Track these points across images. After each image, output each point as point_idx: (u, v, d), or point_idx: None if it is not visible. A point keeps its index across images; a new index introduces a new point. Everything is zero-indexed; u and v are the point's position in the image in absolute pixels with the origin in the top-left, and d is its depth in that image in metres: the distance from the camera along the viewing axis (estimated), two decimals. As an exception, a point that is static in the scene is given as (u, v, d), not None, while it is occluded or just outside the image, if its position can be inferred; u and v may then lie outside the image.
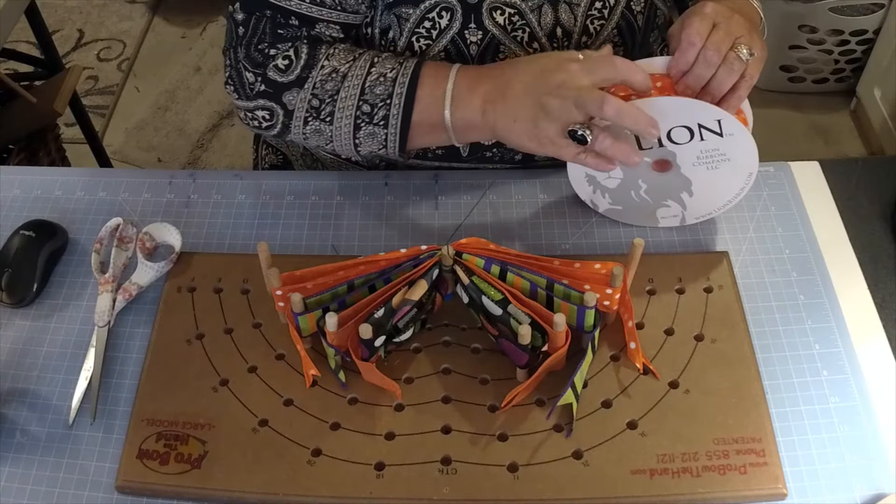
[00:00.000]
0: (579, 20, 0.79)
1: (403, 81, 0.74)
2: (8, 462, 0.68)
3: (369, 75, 0.75)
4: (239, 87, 0.78)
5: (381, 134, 0.75)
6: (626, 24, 0.82)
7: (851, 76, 2.06)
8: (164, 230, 0.81)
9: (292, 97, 0.76)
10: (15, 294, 0.77)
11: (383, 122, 0.75)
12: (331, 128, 0.76)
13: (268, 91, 0.76)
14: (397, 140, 0.75)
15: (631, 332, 0.71)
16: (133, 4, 2.52)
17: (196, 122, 2.17)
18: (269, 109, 0.77)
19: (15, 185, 0.88)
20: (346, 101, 0.75)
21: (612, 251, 0.80)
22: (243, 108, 0.79)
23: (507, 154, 0.86)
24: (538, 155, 0.72)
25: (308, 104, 0.76)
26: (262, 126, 0.79)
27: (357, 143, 0.77)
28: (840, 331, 0.73)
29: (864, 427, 0.68)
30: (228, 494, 0.65)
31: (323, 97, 0.75)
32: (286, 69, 0.76)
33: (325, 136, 0.77)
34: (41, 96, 1.48)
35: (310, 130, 0.77)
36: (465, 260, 0.70)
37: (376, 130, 0.75)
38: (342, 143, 0.77)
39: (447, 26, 0.77)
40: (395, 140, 0.75)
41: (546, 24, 0.79)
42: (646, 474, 0.64)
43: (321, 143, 0.78)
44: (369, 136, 0.76)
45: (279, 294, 0.70)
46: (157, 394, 0.70)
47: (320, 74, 0.75)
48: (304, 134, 0.78)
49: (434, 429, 0.67)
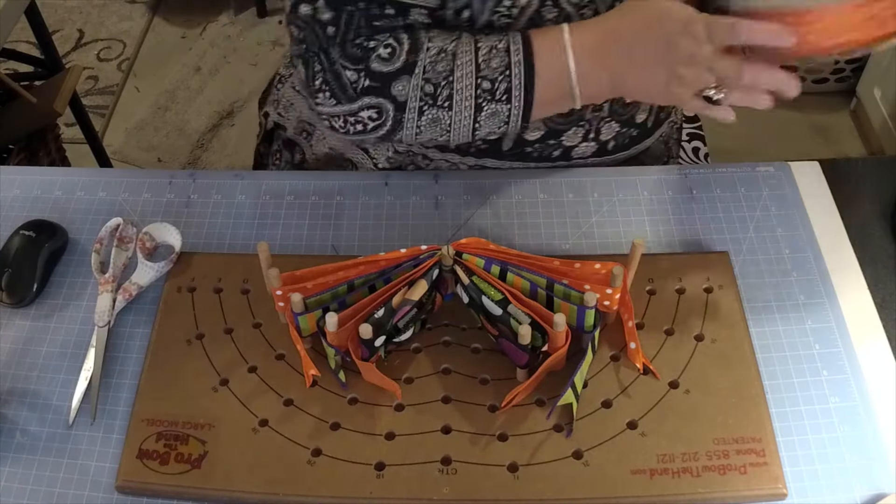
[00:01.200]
0: None
1: (517, 49, 0.71)
2: (8, 462, 0.68)
3: (479, 49, 0.71)
4: (338, 89, 0.73)
5: (503, 111, 0.72)
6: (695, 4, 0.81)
7: (851, 76, 2.06)
8: (164, 230, 0.81)
9: (402, 87, 0.72)
10: (15, 294, 0.77)
11: (506, 97, 0.72)
12: (450, 114, 0.72)
13: (373, 86, 0.72)
14: (520, 114, 0.73)
15: (631, 332, 0.71)
16: (133, 4, 2.52)
17: (196, 122, 2.17)
18: (376, 108, 0.73)
19: (15, 185, 0.88)
20: (462, 80, 0.71)
21: (612, 251, 0.80)
22: (344, 114, 0.74)
23: (546, 150, 0.86)
24: None
25: (421, 91, 0.72)
26: (368, 128, 0.75)
27: (477, 126, 0.74)
28: (840, 331, 0.73)
29: (864, 427, 0.68)
30: (228, 494, 0.65)
31: (437, 80, 0.71)
32: (391, 57, 0.72)
33: (442, 124, 0.74)
34: (41, 96, 1.48)
35: (426, 122, 0.73)
36: (465, 260, 0.70)
37: (499, 108, 0.72)
38: (460, 130, 0.74)
39: (528, 3, 0.73)
40: (518, 114, 0.73)
41: (605, 3, 0.76)
42: (646, 474, 0.64)
43: (436, 134, 0.75)
44: (491, 115, 0.73)
45: (279, 294, 0.70)
46: (157, 394, 0.70)
47: (428, 56, 0.71)
48: (418, 128, 0.74)
49: (434, 429, 0.67)
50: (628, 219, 0.83)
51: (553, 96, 0.73)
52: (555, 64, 0.71)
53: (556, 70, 0.71)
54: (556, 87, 0.72)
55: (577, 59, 0.71)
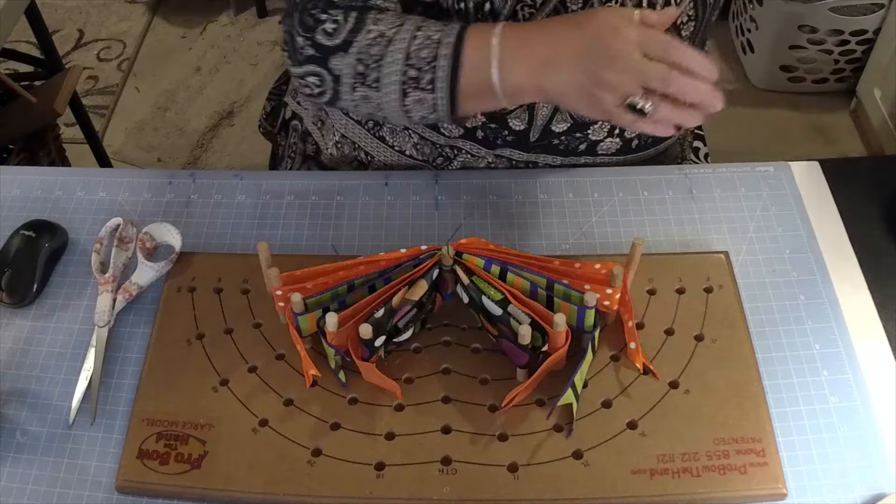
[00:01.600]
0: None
1: (448, 42, 0.71)
2: (8, 462, 0.68)
3: (415, 39, 0.72)
4: (291, 51, 0.77)
5: (428, 99, 0.73)
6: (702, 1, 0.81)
7: (851, 76, 2.06)
8: (164, 230, 0.81)
9: (338, 62, 0.74)
10: (15, 294, 0.77)
11: (430, 87, 0.72)
12: (378, 94, 0.74)
13: (316, 56, 0.75)
14: (447, 104, 0.73)
15: (631, 332, 0.71)
16: (133, 4, 2.52)
17: (196, 122, 2.17)
18: (318, 75, 0.76)
19: (15, 185, 0.88)
20: (391, 66, 0.73)
21: (612, 251, 0.80)
22: (296, 76, 0.78)
23: (573, 143, 0.86)
24: None
25: (354, 70, 0.74)
26: (315, 93, 0.78)
27: (406, 108, 0.75)
28: (840, 331, 0.73)
29: (864, 427, 0.68)
30: (228, 494, 0.65)
31: (368, 62, 0.73)
32: (333, 33, 0.74)
33: (373, 103, 0.75)
34: (41, 96, 1.48)
35: (358, 97, 0.75)
36: (465, 260, 0.70)
37: (424, 96, 0.73)
38: (391, 111, 0.75)
39: None
40: (444, 104, 0.73)
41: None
42: (646, 474, 0.64)
43: (371, 110, 0.77)
44: (417, 102, 0.74)
45: (279, 294, 0.70)
46: (157, 394, 0.70)
47: (366, 39, 0.73)
48: (353, 101, 0.76)
49: (434, 429, 0.67)
50: (628, 219, 0.83)
51: (477, 87, 0.72)
52: (480, 54, 0.71)
53: (481, 60, 0.71)
54: (478, 76, 0.71)
55: (503, 45, 0.70)
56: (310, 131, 0.98)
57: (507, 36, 0.71)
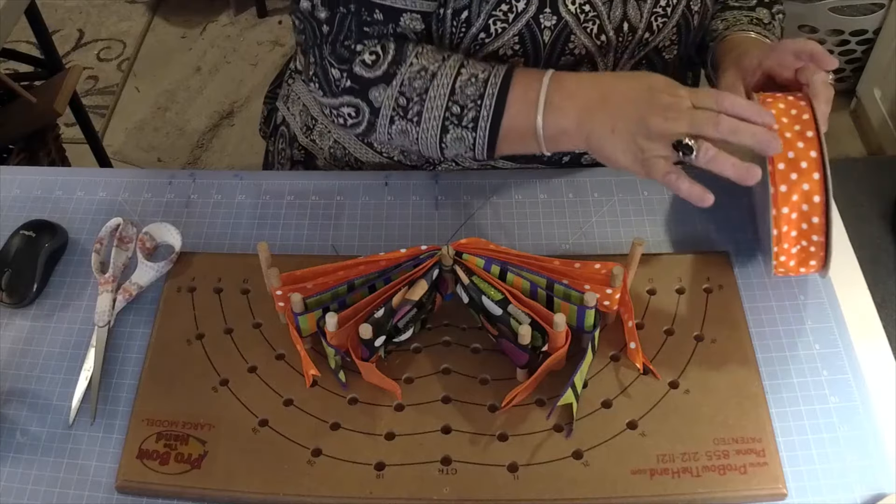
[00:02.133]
0: (645, 17, 0.79)
1: (496, 83, 0.72)
2: (8, 462, 0.68)
3: (459, 75, 0.73)
4: (324, 83, 0.77)
5: (469, 138, 0.73)
6: (684, 23, 0.82)
7: (851, 76, 2.06)
8: (164, 230, 0.81)
9: (378, 94, 0.74)
10: (15, 294, 0.77)
11: (472, 125, 0.73)
12: (417, 129, 0.74)
13: (353, 87, 0.75)
14: (485, 144, 0.73)
15: (631, 332, 0.71)
16: (133, 4, 2.52)
17: (196, 122, 2.17)
18: (354, 106, 0.76)
19: (15, 185, 0.88)
20: (434, 100, 0.73)
21: (612, 251, 0.80)
22: (328, 105, 0.78)
23: (556, 154, 0.86)
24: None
25: (395, 102, 0.74)
26: (348, 124, 0.78)
27: (443, 146, 0.75)
28: (840, 331, 0.73)
29: (864, 427, 0.68)
30: (228, 494, 0.65)
31: (411, 95, 0.74)
32: (373, 64, 0.74)
33: (410, 137, 0.75)
34: (41, 96, 1.48)
35: (395, 130, 0.76)
36: (465, 260, 0.70)
37: (464, 134, 0.73)
38: (428, 145, 0.76)
39: (524, 10, 0.75)
40: (483, 144, 0.73)
41: (615, 17, 0.78)
42: (646, 474, 0.64)
43: (406, 143, 0.77)
44: (457, 139, 0.74)
45: (279, 294, 0.70)
46: (157, 394, 0.70)
47: (409, 72, 0.74)
48: (389, 134, 0.76)
49: (434, 429, 0.67)
50: (628, 219, 0.83)
51: (518, 130, 0.72)
52: (529, 95, 0.71)
53: (527, 103, 0.71)
54: (522, 119, 0.72)
55: (550, 91, 0.71)
56: (297, 137, 0.99)
57: (557, 81, 0.71)
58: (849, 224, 0.81)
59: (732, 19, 0.86)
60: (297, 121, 0.98)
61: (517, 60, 0.79)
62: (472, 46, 0.78)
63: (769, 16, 0.87)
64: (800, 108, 0.69)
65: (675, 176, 0.66)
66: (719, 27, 0.87)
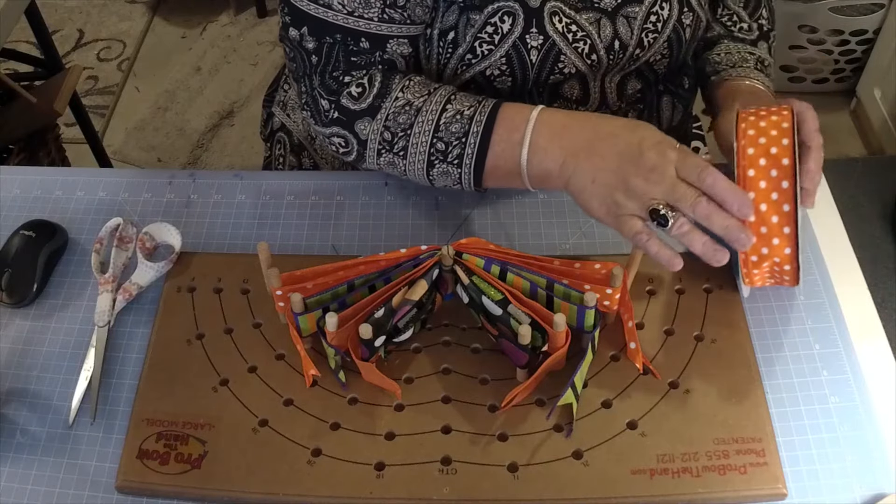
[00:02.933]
0: (635, 33, 0.80)
1: (480, 120, 0.71)
2: (8, 462, 0.68)
3: (445, 112, 0.73)
4: (315, 113, 0.77)
5: (454, 173, 0.74)
6: (675, 37, 0.82)
7: (851, 76, 2.06)
8: (164, 230, 0.81)
9: (364, 126, 0.75)
10: (15, 294, 0.77)
11: (457, 162, 0.73)
12: (404, 162, 0.75)
13: (341, 119, 0.76)
14: (471, 180, 0.73)
15: (631, 332, 0.71)
16: (133, 4, 2.52)
17: (196, 122, 2.17)
18: (343, 137, 0.76)
19: (15, 185, 0.88)
20: (419, 136, 0.73)
21: (612, 251, 0.80)
22: (320, 134, 0.79)
23: None
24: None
25: (380, 136, 0.74)
26: (339, 152, 0.78)
27: (431, 178, 0.75)
28: (840, 331, 0.73)
29: (864, 427, 0.68)
30: (228, 494, 0.65)
31: (395, 130, 0.74)
32: (359, 97, 0.74)
33: (398, 168, 0.76)
34: (41, 96, 1.48)
35: (383, 162, 0.76)
36: (465, 260, 0.70)
37: (450, 169, 0.73)
38: (416, 177, 0.76)
39: (509, 31, 0.76)
40: (469, 180, 0.74)
41: (605, 36, 0.79)
42: (646, 474, 0.64)
43: (396, 173, 0.77)
44: (443, 174, 0.74)
45: (279, 294, 0.70)
46: (157, 394, 0.70)
47: (393, 106, 0.74)
48: (377, 164, 0.77)
49: (434, 429, 0.67)
50: (628, 219, 0.82)
51: (504, 168, 0.72)
52: (514, 136, 0.71)
53: (511, 143, 0.71)
54: (506, 158, 0.71)
55: (535, 132, 0.70)
56: (304, 146, 0.99)
57: (543, 121, 0.70)
58: (849, 224, 0.81)
59: (737, 56, 0.86)
60: (300, 128, 0.98)
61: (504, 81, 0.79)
62: (458, 67, 0.79)
63: (767, 51, 0.87)
64: (781, 117, 0.69)
65: (645, 237, 0.66)
66: (722, 60, 0.86)
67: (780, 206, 0.67)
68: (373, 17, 0.74)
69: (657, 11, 0.80)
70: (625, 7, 0.79)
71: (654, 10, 0.79)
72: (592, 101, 0.84)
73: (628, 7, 0.79)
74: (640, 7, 0.79)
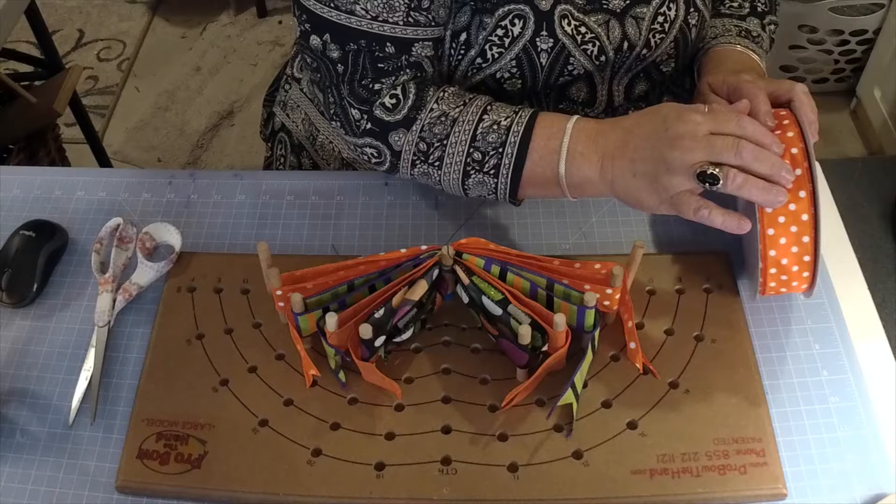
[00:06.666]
0: (643, 34, 0.80)
1: (518, 130, 0.71)
2: (8, 462, 0.68)
3: (481, 122, 0.72)
4: (346, 123, 0.76)
5: (490, 183, 0.73)
6: (682, 37, 0.82)
7: (851, 76, 2.06)
8: (164, 230, 0.81)
9: (399, 138, 0.74)
10: (15, 294, 0.77)
11: (494, 171, 0.72)
12: (439, 172, 0.74)
13: (374, 130, 0.75)
14: (507, 190, 0.73)
15: (631, 332, 0.71)
16: (133, 4, 2.52)
17: (196, 122, 2.17)
18: (376, 148, 0.76)
19: (15, 185, 0.88)
20: (455, 146, 0.73)
21: (612, 251, 0.80)
22: (352, 144, 0.78)
23: None
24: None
25: (415, 147, 0.74)
26: (372, 162, 0.77)
27: (466, 189, 0.75)
28: (840, 331, 0.73)
29: (864, 427, 0.68)
30: (228, 494, 0.65)
31: (431, 141, 0.73)
32: (393, 108, 0.74)
33: (433, 179, 0.76)
34: (41, 96, 1.48)
35: (417, 172, 0.76)
36: (465, 260, 0.70)
37: (486, 179, 0.73)
38: (451, 188, 0.76)
39: (519, 34, 0.75)
40: (505, 190, 0.73)
41: (614, 38, 0.79)
42: (646, 474, 0.64)
43: (429, 183, 0.77)
44: (479, 183, 0.74)
45: (279, 294, 0.70)
46: (157, 394, 0.70)
47: (429, 117, 0.73)
48: (411, 174, 0.76)
49: (434, 429, 0.67)
50: (628, 219, 0.83)
51: (542, 177, 0.72)
52: (551, 144, 0.71)
53: (549, 151, 0.71)
54: (545, 167, 0.71)
55: (573, 137, 0.70)
56: (304, 146, 0.98)
57: (580, 129, 0.70)
58: (849, 224, 0.81)
59: (722, 28, 0.86)
60: (299, 129, 0.98)
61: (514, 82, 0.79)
62: (469, 70, 0.78)
63: (759, 27, 0.86)
64: (783, 127, 0.68)
65: (706, 211, 0.64)
66: (707, 35, 0.87)
67: (799, 216, 0.66)
68: (398, 21, 0.73)
69: (664, 12, 0.80)
70: (633, 8, 0.79)
71: (661, 11, 0.79)
72: (599, 104, 0.85)
73: (637, 8, 0.79)
74: (648, 8, 0.79)
